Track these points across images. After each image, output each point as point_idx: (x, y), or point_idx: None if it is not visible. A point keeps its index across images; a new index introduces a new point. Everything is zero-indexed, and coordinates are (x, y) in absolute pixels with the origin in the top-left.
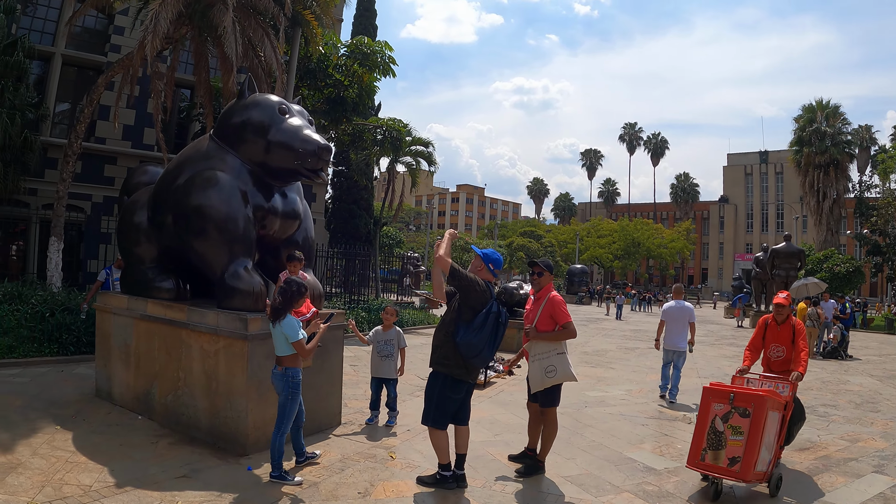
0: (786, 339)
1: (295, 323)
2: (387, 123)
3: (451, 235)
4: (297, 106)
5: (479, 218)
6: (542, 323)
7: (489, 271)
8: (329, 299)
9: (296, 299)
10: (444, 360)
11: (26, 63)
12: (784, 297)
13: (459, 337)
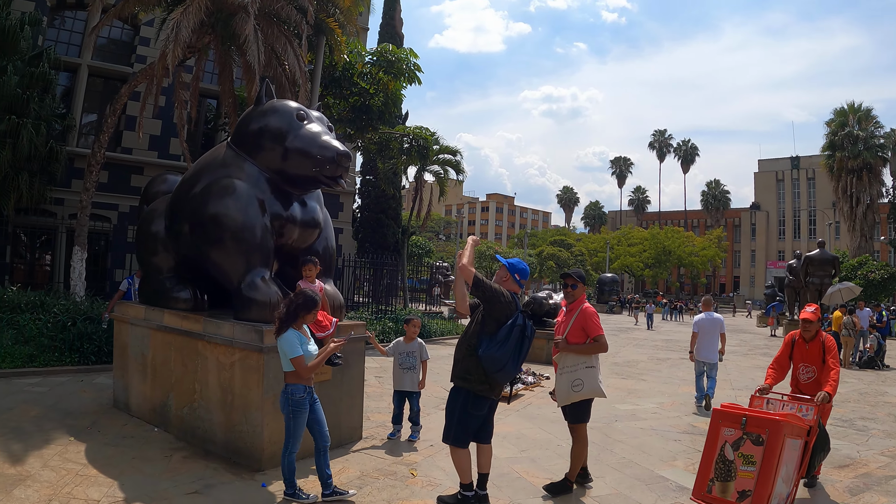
0: (815, 358)
1: (293, 338)
2: (413, 132)
3: (474, 242)
4: (317, 112)
5: (508, 227)
6: (573, 335)
7: (515, 282)
8: (356, 309)
9: (301, 312)
10: (465, 374)
11: (52, 74)
12: (812, 311)
13: (482, 350)
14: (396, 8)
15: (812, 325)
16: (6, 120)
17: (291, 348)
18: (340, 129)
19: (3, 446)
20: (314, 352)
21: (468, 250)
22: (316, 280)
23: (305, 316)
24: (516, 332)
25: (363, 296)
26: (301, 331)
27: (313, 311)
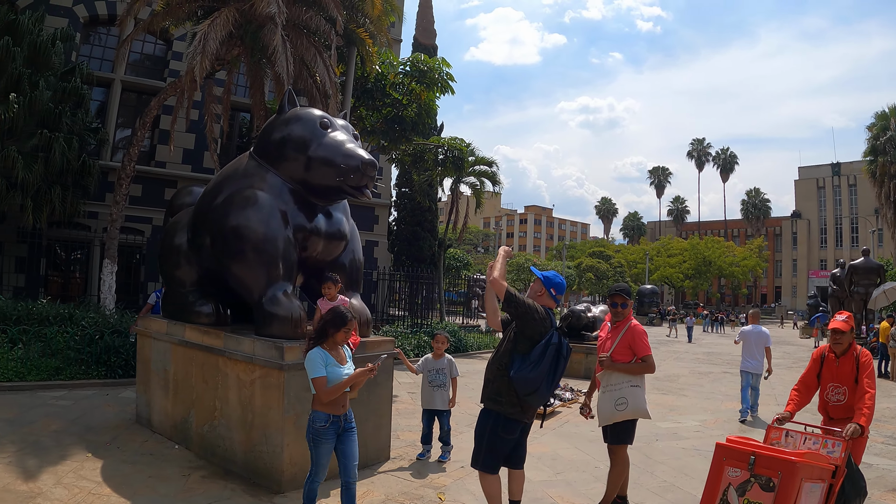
0: (847, 377)
1: (316, 357)
2: (448, 143)
3: (506, 254)
4: (342, 120)
5: (547, 239)
6: (619, 352)
7: (551, 297)
8: (391, 323)
9: (329, 329)
10: (496, 396)
11: (84, 89)
12: (843, 319)
13: (514, 372)
14: (429, 19)
15: (843, 335)
16: (39, 134)
17: (312, 367)
18: (374, 141)
19: (18, 461)
20: (343, 374)
21: (499, 262)
22: (338, 296)
23: (336, 334)
24: (551, 352)
25: (399, 309)
26: (335, 351)
27: (343, 328)
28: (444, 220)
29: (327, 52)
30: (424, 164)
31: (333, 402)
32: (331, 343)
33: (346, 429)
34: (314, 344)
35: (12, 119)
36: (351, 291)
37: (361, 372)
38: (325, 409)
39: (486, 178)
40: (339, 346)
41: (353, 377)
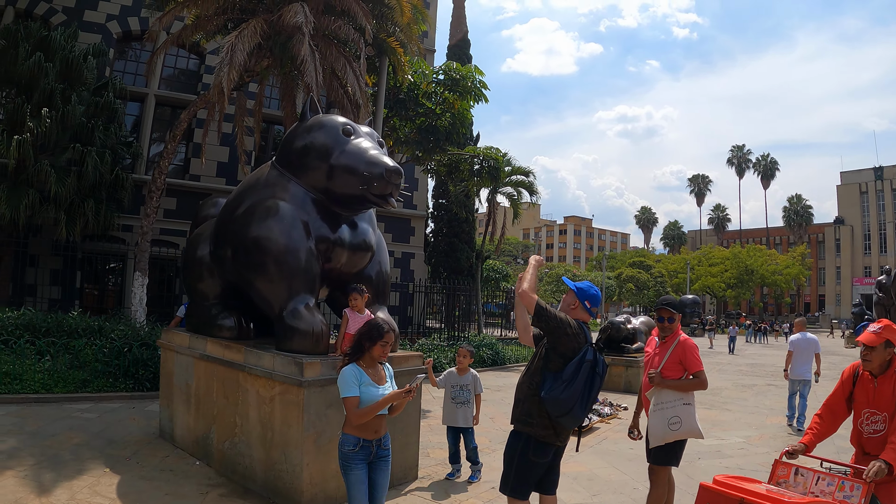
0: (887, 402)
1: (349, 375)
2: (484, 153)
3: (537, 263)
4: (367, 127)
5: (587, 249)
6: (669, 368)
7: (585, 310)
8: (428, 335)
9: (365, 342)
10: (526, 417)
11: (117, 103)
12: (876, 330)
13: (545, 392)
14: (463, 29)
15: (873, 352)
16: (71, 148)
17: (343, 386)
18: (408, 152)
19: (34, 475)
20: (379, 395)
21: (529, 273)
22: (365, 309)
23: (372, 348)
24: (585, 370)
25: (437, 321)
26: (372, 369)
27: (380, 341)
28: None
29: (357, 62)
30: (460, 174)
31: (365, 425)
32: (367, 359)
33: (380, 456)
34: (349, 360)
35: (45, 133)
36: (377, 304)
37: (396, 394)
38: (356, 433)
39: (523, 188)
40: (376, 362)
41: (388, 399)
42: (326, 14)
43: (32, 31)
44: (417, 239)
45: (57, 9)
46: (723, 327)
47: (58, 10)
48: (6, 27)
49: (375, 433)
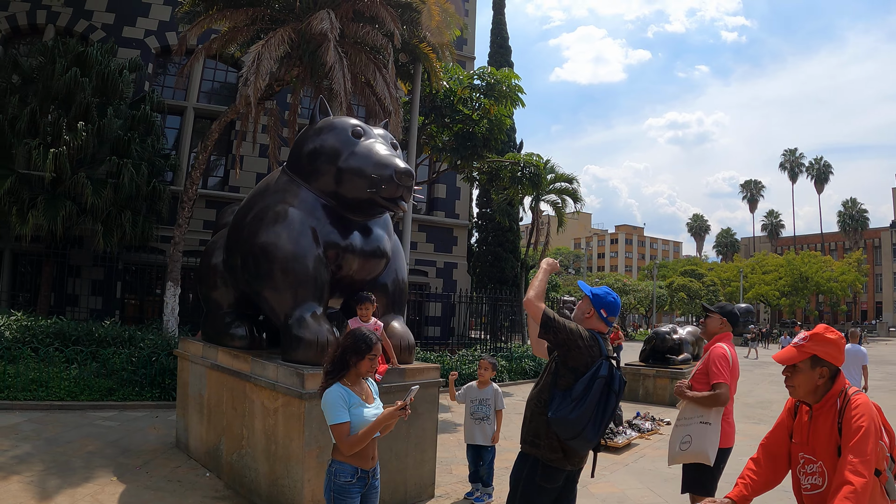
0: (822, 446)
1: (336, 397)
2: (524, 159)
3: (549, 267)
4: (381, 129)
5: (638, 259)
6: (698, 379)
7: (600, 319)
8: (470, 346)
9: (350, 358)
10: (534, 438)
11: (153, 116)
12: (801, 340)
13: (553, 412)
14: (503, 36)
15: (796, 372)
16: (108, 161)
17: (331, 411)
18: (447, 160)
19: (40, 481)
20: (370, 417)
21: (539, 278)
22: (372, 318)
23: (359, 363)
24: (598, 387)
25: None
26: (358, 387)
27: (367, 354)
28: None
29: (386, 68)
30: (501, 182)
31: (361, 452)
32: (352, 376)
33: (373, 486)
34: (332, 379)
35: (82, 146)
36: (393, 314)
37: (391, 413)
38: (353, 461)
39: (567, 195)
40: (362, 378)
41: (382, 420)
42: (355, 21)
43: (70, 47)
44: (460, 249)
45: (96, 26)
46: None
47: (97, 26)
48: (43, 44)
49: (372, 460)
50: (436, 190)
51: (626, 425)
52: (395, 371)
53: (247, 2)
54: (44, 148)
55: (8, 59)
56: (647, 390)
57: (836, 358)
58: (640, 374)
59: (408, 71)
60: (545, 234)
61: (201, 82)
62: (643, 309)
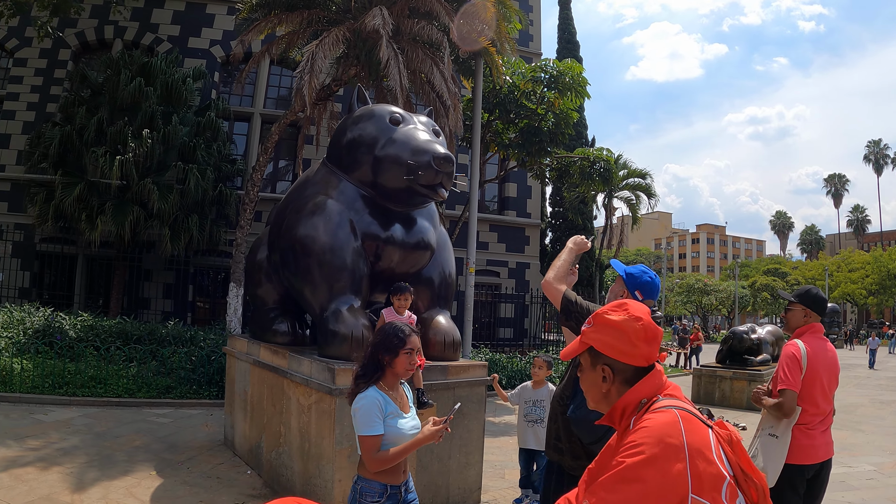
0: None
1: (371, 404)
2: (593, 154)
3: (576, 246)
4: (424, 117)
5: (721, 258)
6: (775, 382)
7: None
8: (541, 348)
9: (385, 358)
10: (556, 442)
11: (219, 122)
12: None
13: (572, 410)
14: (571, 30)
15: (583, 374)
16: (173, 166)
17: (364, 419)
18: (514, 157)
19: (79, 473)
20: (407, 430)
21: (562, 257)
22: (407, 311)
23: (394, 362)
24: None
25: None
26: (394, 392)
27: (402, 349)
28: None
29: (443, 63)
30: (570, 178)
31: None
32: (390, 379)
33: (409, 501)
34: (366, 382)
35: (147, 153)
36: (438, 308)
37: (433, 433)
38: (381, 478)
39: (641, 191)
40: (398, 381)
41: (419, 442)
42: (410, 17)
43: (135, 59)
44: (532, 248)
45: (162, 38)
46: (863, 338)
47: (163, 39)
48: (109, 56)
49: (404, 473)
50: (506, 189)
51: None
52: (438, 369)
53: (304, 4)
54: (110, 156)
55: (76, 73)
56: (723, 393)
57: (618, 350)
58: (717, 375)
59: (469, 67)
60: (620, 233)
61: (267, 88)
62: (725, 310)
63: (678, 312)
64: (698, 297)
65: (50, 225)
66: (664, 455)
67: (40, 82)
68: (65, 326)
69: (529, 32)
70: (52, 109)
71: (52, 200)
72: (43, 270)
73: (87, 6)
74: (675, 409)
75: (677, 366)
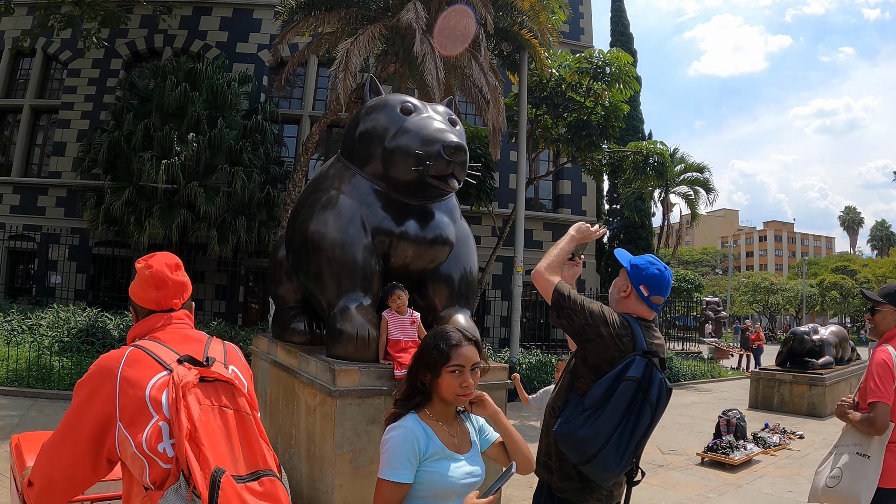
0: None
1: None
2: (647, 148)
3: (579, 233)
4: (441, 106)
5: (789, 256)
6: (862, 395)
7: (640, 299)
8: None
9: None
10: (545, 458)
11: (266, 125)
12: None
13: (559, 425)
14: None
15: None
16: (219, 169)
17: (385, 459)
18: (565, 152)
19: None
20: (459, 478)
21: (559, 245)
22: (408, 310)
23: (437, 382)
24: (624, 393)
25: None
26: (445, 424)
27: (445, 365)
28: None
29: (480, 55)
30: (623, 174)
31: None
32: (437, 406)
33: None
34: (404, 407)
35: (194, 157)
36: (458, 306)
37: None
38: None
39: (699, 185)
40: (452, 408)
41: None
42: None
43: (181, 65)
44: (588, 247)
45: (210, 44)
46: None
47: (211, 45)
48: (155, 64)
49: None
50: (560, 186)
51: (751, 438)
52: None
53: (343, 3)
54: (157, 160)
55: (126, 81)
56: (782, 398)
57: (135, 294)
58: (776, 379)
59: (514, 61)
60: (678, 229)
61: (316, 90)
62: (793, 310)
63: (744, 312)
64: (765, 297)
65: (102, 229)
66: (98, 376)
67: (93, 91)
68: (108, 326)
69: (580, 26)
70: (105, 118)
71: (102, 205)
72: (99, 273)
73: (137, 16)
74: (135, 346)
75: (739, 368)
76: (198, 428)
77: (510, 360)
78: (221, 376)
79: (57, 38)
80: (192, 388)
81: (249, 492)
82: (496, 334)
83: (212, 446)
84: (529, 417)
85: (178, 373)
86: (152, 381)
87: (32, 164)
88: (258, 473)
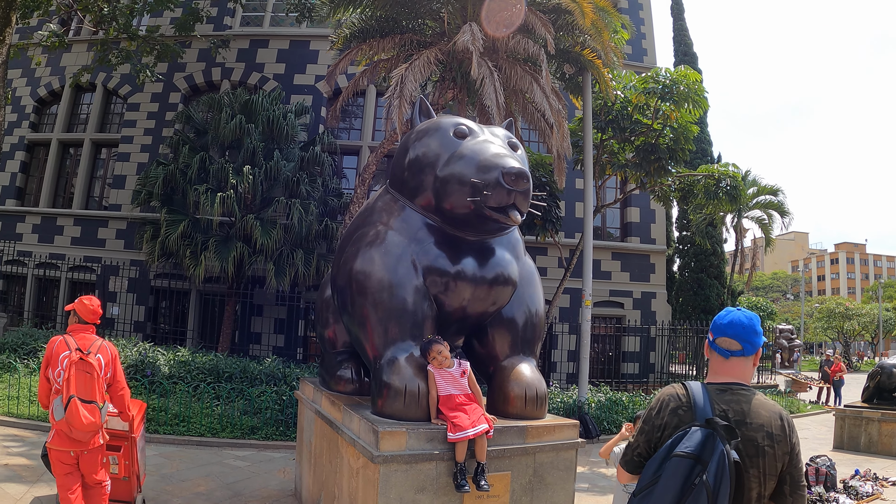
0: None
1: None
2: (718, 171)
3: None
4: (501, 129)
5: (862, 279)
6: None
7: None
8: (668, 381)
9: None
10: None
11: (323, 157)
12: None
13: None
14: (687, 42)
15: None
16: (276, 202)
17: None
18: (634, 178)
19: None
20: None
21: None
22: (454, 361)
23: None
24: (674, 473)
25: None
26: None
27: None
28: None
29: (542, 76)
30: (694, 199)
31: None
32: None
33: None
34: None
35: (250, 189)
36: (522, 355)
37: None
38: None
39: (773, 209)
40: None
41: None
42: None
43: (237, 98)
44: (658, 277)
45: (268, 77)
46: None
47: (269, 77)
48: (211, 97)
49: None
50: (629, 214)
51: (841, 488)
52: (515, 430)
53: (397, 29)
54: (212, 192)
55: (183, 114)
56: (870, 438)
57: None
58: (863, 417)
59: (577, 83)
60: (752, 256)
61: (375, 120)
62: (869, 335)
63: (818, 339)
64: (839, 323)
65: (158, 261)
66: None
67: (152, 125)
68: (159, 361)
69: (643, 47)
70: (163, 150)
71: (158, 237)
72: (158, 305)
73: (195, 50)
74: (63, 336)
75: (818, 402)
76: (71, 375)
77: (578, 400)
78: (86, 358)
79: (116, 72)
80: (75, 360)
81: (86, 409)
82: (563, 369)
83: (75, 385)
84: (599, 464)
85: (72, 353)
86: (63, 354)
87: (93, 196)
88: (92, 402)
